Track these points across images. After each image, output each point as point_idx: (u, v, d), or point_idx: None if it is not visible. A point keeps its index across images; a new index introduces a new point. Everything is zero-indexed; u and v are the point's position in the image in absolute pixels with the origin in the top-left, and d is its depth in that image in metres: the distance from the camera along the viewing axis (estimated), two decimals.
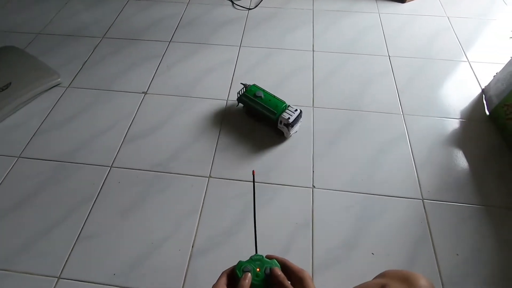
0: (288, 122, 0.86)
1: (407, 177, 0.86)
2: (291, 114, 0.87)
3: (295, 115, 0.87)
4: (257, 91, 0.93)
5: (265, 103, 0.90)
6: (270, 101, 0.91)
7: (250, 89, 0.94)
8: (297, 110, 0.88)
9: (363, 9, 1.39)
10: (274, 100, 0.91)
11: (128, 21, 1.34)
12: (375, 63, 1.16)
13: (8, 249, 0.74)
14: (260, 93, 0.92)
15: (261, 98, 0.91)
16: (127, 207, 0.81)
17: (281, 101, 0.91)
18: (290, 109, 0.88)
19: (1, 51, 1.14)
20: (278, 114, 0.88)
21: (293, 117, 0.86)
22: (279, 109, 0.89)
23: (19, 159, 0.90)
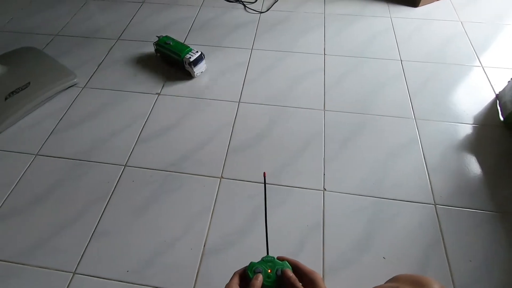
0: (190, 61, 1.04)
1: (419, 181, 0.86)
2: (192, 55, 1.04)
3: (196, 56, 1.05)
4: (167, 40, 1.11)
5: (173, 48, 1.08)
6: (177, 46, 1.08)
7: (162, 39, 1.12)
8: (198, 52, 1.06)
9: (375, 13, 1.39)
10: (180, 45, 1.09)
11: (142, 23, 1.37)
12: (386, 67, 1.16)
13: (25, 244, 0.76)
14: (169, 41, 1.09)
15: (170, 44, 1.09)
16: (140, 206, 0.82)
17: (185, 46, 1.08)
18: (192, 52, 1.06)
19: (21, 52, 1.17)
20: (183, 56, 1.05)
21: (194, 57, 1.05)
22: (183, 52, 1.06)
23: (37, 156, 0.93)
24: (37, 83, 1.05)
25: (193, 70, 1.07)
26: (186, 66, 1.07)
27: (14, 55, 1.15)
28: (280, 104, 1.05)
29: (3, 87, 1.03)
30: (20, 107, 1.00)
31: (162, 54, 1.13)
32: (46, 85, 1.05)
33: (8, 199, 0.84)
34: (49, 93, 1.05)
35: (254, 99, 1.07)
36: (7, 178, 0.88)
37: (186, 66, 1.07)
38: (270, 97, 1.07)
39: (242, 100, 1.06)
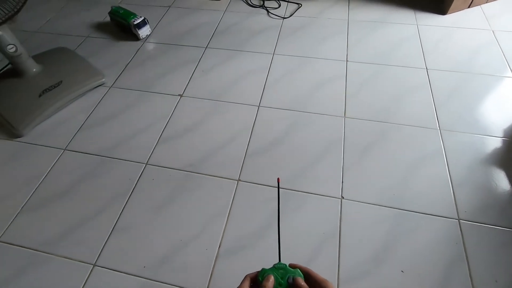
0: (134, 24, 1.26)
1: (443, 195, 0.83)
2: (136, 19, 1.27)
3: (139, 20, 1.27)
4: (119, 9, 1.32)
5: (122, 15, 1.30)
6: (125, 14, 1.30)
7: (114, 8, 1.34)
8: (141, 17, 1.28)
9: (401, 20, 1.36)
10: (128, 13, 1.30)
11: (168, 27, 1.42)
12: (411, 76, 1.13)
13: (51, 234, 0.80)
14: (120, 10, 1.32)
15: (120, 13, 1.31)
16: (159, 204, 0.85)
17: (132, 13, 1.29)
18: (137, 17, 1.28)
19: (55, 52, 1.24)
20: (129, 20, 1.27)
21: (138, 21, 1.27)
22: (129, 18, 1.28)
23: (65, 151, 0.98)
24: (68, 81, 1.11)
25: (137, 32, 1.29)
26: (133, 29, 1.28)
27: (49, 55, 1.22)
28: (300, 110, 1.05)
29: (37, 84, 1.09)
30: (52, 104, 1.05)
31: (115, 21, 1.36)
32: (77, 84, 1.11)
33: (37, 190, 0.89)
34: (78, 92, 1.11)
35: (274, 103, 1.07)
36: (38, 170, 0.93)
37: (134, 30, 1.28)
38: (290, 102, 1.07)
39: (262, 104, 1.07)
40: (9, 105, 1.05)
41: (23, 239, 0.79)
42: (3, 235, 0.80)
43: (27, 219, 0.83)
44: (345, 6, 1.46)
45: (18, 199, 0.87)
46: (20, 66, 1.09)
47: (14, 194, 0.88)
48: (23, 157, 0.96)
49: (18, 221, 0.83)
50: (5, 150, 0.99)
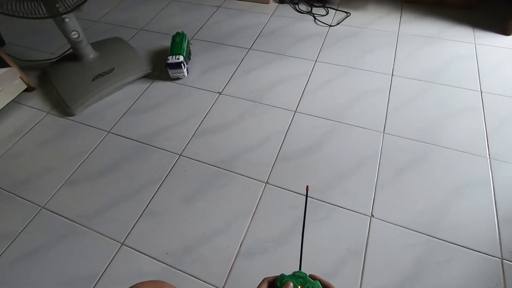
0: (167, 62, 1.14)
1: (485, 229, 0.76)
2: (173, 58, 1.14)
3: (175, 60, 1.13)
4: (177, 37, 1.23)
5: (172, 43, 1.21)
6: (173, 44, 1.20)
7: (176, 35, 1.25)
8: (180, 58, 1.14)
9: (457, 37, 1.28)
10: (176, 46, 1.19)
11: (215, 26, 1.46)
12: (462, 97, 1.06)
13: (88, 208, 0.86)
14: (176, 38, 1.22)
15: (174, 41, 1.21)
16: (188, 195, 0.87)
17: (179, 49, 1.17)
18: (175, 56, 1.14)
19: (110, 41, 1.34)
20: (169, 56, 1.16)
21: (171, 61, 1.13)
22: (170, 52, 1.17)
23: (109, 134, 1.04)
24: (119, 69, 1.19)
25: (168, 71, 1.16)
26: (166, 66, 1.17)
27: (105, 43, 1.32)
28: (337, 120, 1.02)
29: (92, 69, 1.18)
30: (103, 88, 1.13)
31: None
32: (127, 72, 1.18)
33: (80, 166, 0.96)
34: (127, 80, 1.18)
35: (310, 110, 1.06)
36: (83, 148, 1.00)
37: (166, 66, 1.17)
38: (327, 111, 1.05)
39: (299, 110, 1.06)
40: (66, 85, 1.15)
41: (64, 210, 0.86)
42: (48, 203, 0.88)
43: (69, 192, 0.90)
44: (396, 18, 1.41)
45: (63, 172, 0.95)
46: (79, 52, 1.18)
47: (60, 167, 0.96)
48: (72, 135, 1.05)
49: (61, 192, 0.90)
50: (57, 126, 1.08)
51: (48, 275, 0.75)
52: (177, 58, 1.13)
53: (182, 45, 1.19)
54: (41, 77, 1.26)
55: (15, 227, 0.83)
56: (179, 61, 1.12)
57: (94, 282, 0.73)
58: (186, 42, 1.23)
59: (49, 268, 0.76)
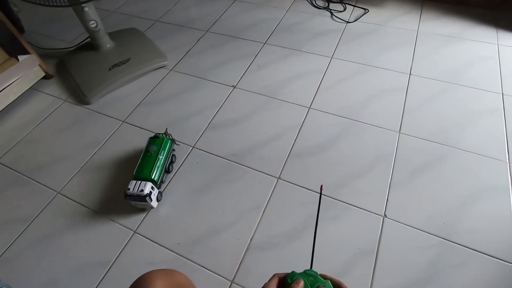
0: (125, 193, 0.78)
1: (502, 235, 0.74)
2: (133, 186, 0.77)
3: (135, 191, 0.77)
4: (153, 145, 0.86)
5: (141, 160, 0.84)
6: (143, 162, 0.83)
7: (153, 141, 0.87)
8: (144, 190, 0.76)
9: (479, 37, 1.24)
10: (147, 165, 0.82)
11: (231, 19, 1.45)
12: (482, 99, 1.03)
13: (101, 197, 0.87)
14: (153, 147, 0.85)
15: (147, 154, 0.84)
16: (200, 187, 0.88)
17: (149, 171, 0.81)
18: (140, 183, 0.78)
19: (127, 32, 1.35)
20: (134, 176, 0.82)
21: (131, 190, 0.77)
22: (137, 173, 0.82)
23: (123, 123, 1.05)
24: (135, 60, 1.19)
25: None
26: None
27: (121, 34, 1.33)
28: (352, 118, 1.01)
29: (109, 59, 1.19)
30: (119, 78, 1.14)
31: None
32: (142, 63, 1.19)
33: (95, 155, 0.97)
34: (143, 70, 1.19)
35: (325, 107, 1.05)
36: (98, 137, 1.02)
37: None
38: (342, 109, 1.04)
39: (313, 107, 1.05)
40: (83, 74, 1.17)
41: (79, 196, 0.88)
42: (63, 189, 0.90)
43: (84, 178, 0.92)
44: (416, 16, 1.37)
45: (79, 159, 0.96)
46: (97, 41, 1.20)
47: (76, 154, 0.98)
48: (88, 123, 1.06)
49: (77, 178, 0.92)
50: (74, 114, 1.10)
51: (61, 260, 0.77)
52: (142, 187, 0.77)
53: (157, 159, 0.83)
54: (58, 65, 1.28)
55: (32, 210, 0.86)
56: (143, 194, 0.76)
57: (107, 269, 0.75)
58: (166, 152, 0.86)
59: (63, 253, 0.78)
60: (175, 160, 0.93)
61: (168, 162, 0.87)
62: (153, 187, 0.80)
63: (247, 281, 0.71)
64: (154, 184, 0.81)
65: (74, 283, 0.73)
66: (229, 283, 0.71)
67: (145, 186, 0.77)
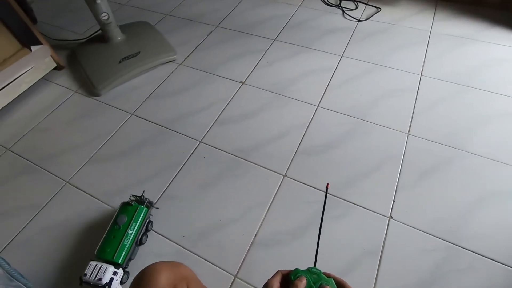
0: (81, 278, 0.66)
1: (511, 241, 0.73)
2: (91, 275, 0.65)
3: (92, 279, 0.65)
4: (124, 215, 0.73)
5: (107, 233, 0.72)
6: (109, 238, 0.71)
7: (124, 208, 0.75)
8: (101, 279, 0.64)
9: (494, 39, 1.22)
10: (112, 242, 0.70)
11: (241, 15, 1.45)
12: (495, 103, 1.01)
13: (110, 187, 0.89)
14: (123, 220, 0.72)
15: (114, 227, 0.72)
16: (206, 181, 0.88)
17: (114, 250, 0.69)
18: (105, 268, 0.65)
19: (137, 25, 1.35)
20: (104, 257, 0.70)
21: (87, 278, 0.65)
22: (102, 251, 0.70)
23: (132, 116, 1.06)
24: (145, 53, 1.20)
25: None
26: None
27: (132, 27, 1.33)
28: (361, 118, 1.00)
29: (119, 52, 1.20)
30: (128, 71, 1.15)
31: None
32: (152, 56, 1.20)
33: (104, 146, 0.99)
34: (152, 64, 1.19)
35: (333, 106, 1.04)
36: (107, 128, 1.03)
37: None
38: (350, 108, 1.03)
39: (321, 105, 1.05)
40: (94, 66, 1.18)
41: (87, 186, 0.89)
42: (72, 178, 0.91)
43: (92, 169, 0.93)
44: (429, 16, 1.35)
45: (88, 150, 0.98)
46: (108, 33, 1.20)
47: (85, 145, 0.99)
48: (97, 114, 1.08)
49: (85, 169, 0.93)
50: (84, 105, 1.11)
51: (68, 249, 0.78)
52: (101, 275, 0.64)
53: (126, 235, 0.71)
54: (70, 56, 1.29)
55: (42, 199, 0.87)
56: (101, 284, 0.64)
57: None
58: (139, 223, 0.73)
59: (70, 242, 0.79)
60: (152, 227, 0.79)
61: (140, 233, 0.74)
62: (115, 272, 0.66)
63: (250, 276, 0.72)
64: (117, 267, 0.68)
65: (81, 270, 0.75)
66: (233, 277, 0.72)
67: (105, 272, 0.64)
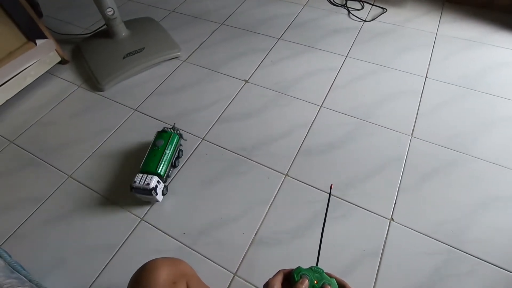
0: (131, 185, 0.78)
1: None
2: (139, 179, 0.78)
3: (141, 184, 0.77)
4: (160, 139, 0.86)
5: (148, 153, 0.84)
6: (151, 156, 0.83)
7: (161, 135, 0.87)
8: (149, 184, 0.77)
9: (500, 43, 1.21)
10: (153, 159, 0.83)
11: (246, 13, 1.44)
12: (501, 107, 1.00)
13: (111, 183, 0.89)
14: (160, 142, 0.85)
15: (154, 148, 0.85)
16: (208, 179, 0.88)
17: (156, 164, 0.82)
18: (146, 177, 0.78)
19: (142, 21, 1.35)
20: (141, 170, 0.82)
21: (137, 183, 0.78)
22: (144, 167, 0.82)
23: (135, 112, 1.07)
24: (149, 49, 1.20)
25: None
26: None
27: (137, 23, 1.33)
28: (363, 118, 1.00)
29: (123, 47, 1.20)
30: (132, 67, 1.15)
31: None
32: (157, 53, 1.20)
33: (107, 141, 0.99)
34: (156, 60, 1.19)
35: (337, 106, 1.04)
36: (110, 123, 1.03)
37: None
38: (354, 109, 1.02)
39: (325, 105, 1.04)
40: (98, 61, 1.18)
41: (89, 181, 0.90)
42: (74, 172, 0.91)
43: (94, 164, 0.93)
44: (436, 18, 1.34)
45: (90, 145, 0.98)
46: (113, 29, 1.20)
47: (88, 139, 0.99)
48: (101, 109, 1.08)
49: (88, 163, 0.93)
50: (87, 100, 1.11)
51: (70, 241, 0.79)
52: (148, 181, 0.77)
53: (164, 154, 0.84)
54: (74, 51, 1.29)
55: (44, 192, 0.88)
56: (149, 188, 0.77)
57: (113, 253, 0.76)
58: (173, 147, 0.86)
59: (72, 235, 0.80)
60: (182, 155, 0.93)
61: (174, 157, 0.87)
62: (159, 181, 0.80)
63: (250, 274, 0.72)
64: (160, 178, 0.81)
65: (81, 264, 0.75)
66: (232, 275, 0.72)
67: (151, 180, 0.78)
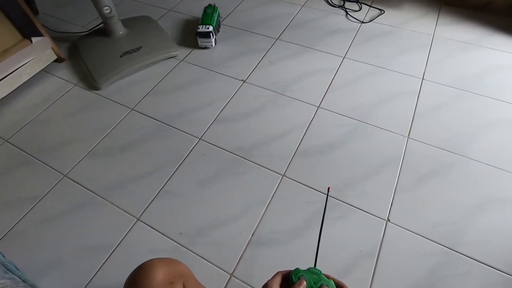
0: (197, 31, 1.19)
1: (509, 248, 0.73)
2: (203, 27, 1.19)
3: (205, 29, 1.18)
4: (209, 9, 1.28)
5: (203, 14, 1.26)
6: (205, 16, 1.24)
7: (207, 6, 1.31)
8: (209, 27, 1.18)
9: (498, 46, 1.22)
10: (208, 17, 1.23)
11: (244, 13, 1.44)
12: (497, 109, 1.01)
13: (108, 181, 0.88)
14: (208, 10, 1.27)
15: (205, 12, 1.27)
16: (204, 179, 0.88)
17: (209, 20, 1.21)
18: (206, 26, 1.19)
19: (140, 19, 1.35)
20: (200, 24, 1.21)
21: (201, 29, 1.18)
22: (200, 21, 1.22)
23: (132, 111, 1.06)
24: (147, 48, 1.19)
25: (197, 39, 1.21)
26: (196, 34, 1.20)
27: (134, 21, 1.33)
28: (361, 120, 1.00)
29: (121, 46, 1.19)
30: (129, 66, 1.14)
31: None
32: (154, 51, 1.19)
33: (103, 140, 0.98)
34: (154, 59, 1.19)
35: (334, 107, 1.04)
36: (106, 122, 1.02)
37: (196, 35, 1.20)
38: (351, 110, 1.03)
39: (322, 106, 1.04)
40: (94, 59, 1.17)
41: (85, 180, 0.89)
42: (70, 172, 0.91)
43: (90, 163, 0.93)
44: (433, 20, 1.35)
45: (86, 144, 0.97)
46: (110, 27, 1.20)
47: (84, 138, 0.99)
48: (97, 108, 1.07)
49: (83, 163, 0.93)
50: (83, 98, 1.10)
51: (65, 241, 0.78)
52: (207, 27, 1.17)
53: (213, 16, 1.24)
54: (71, 49, 1.28)
55: (39, 191, 0.87)
56: (209, 30, 1.16)
57: (109, 253, 0.76)
58: (217, 15, 1.28)
59: (67, 235, 0.79)
60: (220, 29, 1.31)
61: (218, 24, 1.26)
62: (214, 29, 1.20)
63: (246, 275, 0.71)
64: (213, 29, 1.19)
65: (76, 264, 0.74)
66: (229, 276, 0.71)
67: (209, 27, 1.18)
